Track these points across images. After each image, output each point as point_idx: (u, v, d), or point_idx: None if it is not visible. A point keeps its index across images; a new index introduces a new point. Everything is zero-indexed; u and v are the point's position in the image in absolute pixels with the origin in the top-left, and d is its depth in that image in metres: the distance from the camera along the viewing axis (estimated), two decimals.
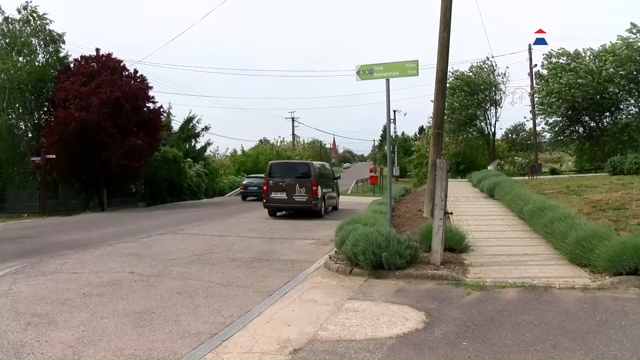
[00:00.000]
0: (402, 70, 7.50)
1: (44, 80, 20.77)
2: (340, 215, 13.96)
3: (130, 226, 13.08)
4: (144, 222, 14.26)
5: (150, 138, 21.29)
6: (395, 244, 6.24)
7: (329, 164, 19.94)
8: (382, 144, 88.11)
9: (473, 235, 8.09)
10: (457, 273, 6.05)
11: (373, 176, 34.98)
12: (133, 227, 12.87)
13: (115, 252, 8.49)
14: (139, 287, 5.95)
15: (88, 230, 12.24)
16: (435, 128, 10.72)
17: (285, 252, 8.51)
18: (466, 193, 16.45)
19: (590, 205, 9.74)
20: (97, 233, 11.58)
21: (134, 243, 9.61)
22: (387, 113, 7.81)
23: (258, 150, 46.73)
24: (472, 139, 32.15)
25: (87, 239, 10.30)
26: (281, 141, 58.11)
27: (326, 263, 7.04)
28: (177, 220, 14.45)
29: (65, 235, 11.22)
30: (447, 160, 7.13)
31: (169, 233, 11.17)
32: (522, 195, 10.75)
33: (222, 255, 8.18)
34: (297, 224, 12.89)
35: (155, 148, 22.48)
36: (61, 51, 21.76)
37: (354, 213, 10.70)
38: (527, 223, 9.07)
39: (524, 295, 5.13)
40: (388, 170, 8.40)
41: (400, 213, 12.25)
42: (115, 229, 12.56)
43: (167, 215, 16.29)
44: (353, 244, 6.43)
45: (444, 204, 6.47)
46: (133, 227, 12.87)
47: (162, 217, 15.59)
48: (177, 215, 16.46)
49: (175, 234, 10.98)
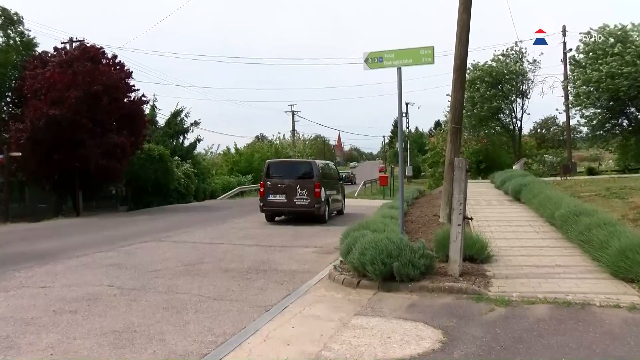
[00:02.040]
0: (415, 57, 7.49)
1: (4, 66, 20.70)
2: (346, 221, 14.06)
3: (110, 233, 13.13)
4: (125, 228, 14.31)
5: (133, 134, 21.26)
6: (407, 252, 6.25)
7: (333, 163, 20.15)
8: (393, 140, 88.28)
9: (496, 244, 8.08)
10: (478, 286, 6.04)
11: (383, 177, 35.39)
12: (113, 234, 12.91)
13: (91, 263, 8.50)
14: (119, 302, 5.95)
15: (60, 238, 12.24)
16: (452, 122, 10.73)
17: (285, 261, 8.55)
18: (488, 195, 16.46)
19: (636, 210, 9.64)
20: (70, 241, 11.58)
21: (113, 252, 9.62)
22: (398, 106, 7.79)
23: (253, 148, 46.90)
24: (495, 135, 32.13)
25: (59, 248, 10.27)
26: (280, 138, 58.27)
27: (330, 274, 7.07)
28: (163, 226, 14.50)
29: (33, 244, 11.17)
30: (466, 159, 7.10)
31: (153, 241, 11.20)
32: (553, 198, 10.71)
33: (214, 265, 8.21)
34: (298, 230, 12.98)
35: (138, 145, 22.47)
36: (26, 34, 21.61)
37: (362, 218, 10.78)
38: (560, 230, 9.03)
39: (557, 313, 5.07)
40: (400, 170, 8.42)
41: (414, 218, 12.28)
42: (92, 236, 12.60)
43: (151, 221, 16.34)
44: (360, 253, 6.44)
45: (462, 207, 6.47)
46: (113, 234, 12.91)
47: (145, 223, 15.65)
48: (163, 220, 16.51)
49: (160, 242, 11.01)
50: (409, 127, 63.26)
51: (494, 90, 29.59)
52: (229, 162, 43.47)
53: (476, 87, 29.65)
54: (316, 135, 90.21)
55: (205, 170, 35.11)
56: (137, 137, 21.82)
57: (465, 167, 6.59)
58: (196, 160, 34.25)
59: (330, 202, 15.28)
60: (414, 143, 66.07)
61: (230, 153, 45.03)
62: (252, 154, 43.75)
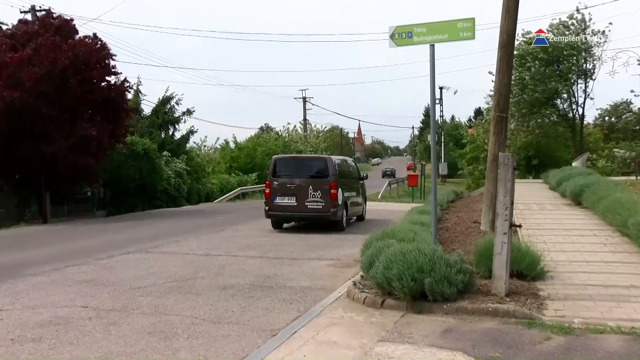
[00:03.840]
0: (452, 32, 7.50)
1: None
2: (368, 228, 14.13)
3: (84, 243, 13.24)
4: (104, 237, 14.38)
5: (112, 124, 21.24)
6: (442, 266, 6.26)
7: (352, 159, 20.27)
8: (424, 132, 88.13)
9: (551, 257, 8.07)
10: (529, 308, 6.03)
11: (411, 175, 35.52)
12: (88, 244, 13.02)
13: (62, 279, 8.51)
14: (95, 327, 5.97)
15: (23, 250, 12.33)
16: (497, 110, 10.73)
17: (295, 276, 8.62)
18: (540, 198, 16.40)
19: None
20: (36, 253, 11.63)
21: (89, 266, 9.65)
22: (431, 91, 7.77)
23: (255, 141, 46.99)
24: (549, 125, 31.83)
25: (21, 262, 10.28)
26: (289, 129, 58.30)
27: (349, 292, 7.08)
28: (149, 234, 14.59)
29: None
30: (514, 154, 7.12)
31: (137, 252, 11.27)
32: (626, 202, 10.58)
33: (210, 281, 8.28)
34: (310, 239, 13.11)
35: (118, 138, 22.48)
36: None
37: (386, 224, 10.82)
38: (635, 242, 8.93)
39: (636, 348, 4.96)
40: (432, 168, 8.46)
41: (449, 225, 12.32)
42: (63, 246, 12.71)
43: (135, 228, 16.42)
44: (385, 267, 6.47)
45: (509, 213, 6.46)
46: (88, 244, 13.02)
47: (128, 231, 15.73)
48: (150, 227, 16.59)
49: (146, 253, 11.09)
50: (443, 116, 63.01)
51: (550, 70, 29.15)
52: (226, 158, 43.72)
53: (527, 65, 29.31)
54: (332, 127, 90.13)
55: (200, 168, 35.35)
56: (117, 128, 21.83)
57: (512, 164, 6.59)
58: (189, 156, 34.49)
59: (348, 206, 15.37)
60: (450, 135, 65.76)
61: (228, 147, 45.25)
62: (255, 148, 43.87)
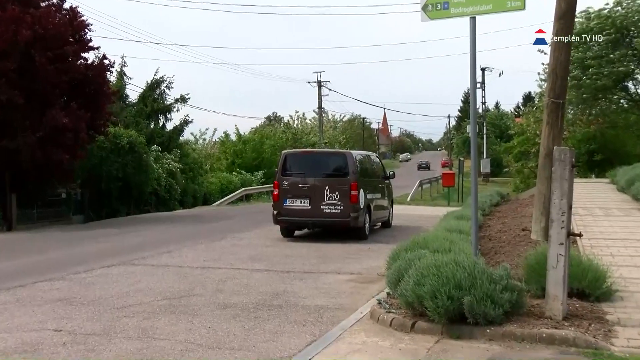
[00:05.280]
0: (497, 1, 7.46)
1: None
2: (395, 236, 14.34)
3: (58, 254, 13.29)
4: (81, 247, 14.44)
5: (91, 112, 20.84)
6: (485, 282, 6.22)
7: (376, 155, 20.34)
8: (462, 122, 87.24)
9: (621, 273, 7.93)
10: (594, 335, 5.93)
11: (447, 174, 35.17)
12: (62, 255, 13.09)
13: (30, 298, 8.52)
14: (71, 354, 5.92)
15: None
16: (551, 96, 10.65)
17: (308, 293, 8.63)
18: (606, 201, 16.29)
19: None
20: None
21: (63, 282, 9.65)
22: (471, 73, 7.73)
23: (262, 133, 47.05)
24: (616, 113, 31.31)
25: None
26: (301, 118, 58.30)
27: (373, 312, 7.05)
28: (136, 243, 14.64)
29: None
30: (572, 148, 7.01)
31: (121, 264, 11.30)
32: None
33: (208, 299, 8.30)
34: (327, 249, 13.18)
35: (98, 129, 22.40)
36: None
37: (417, 232, 10.86)
38: None
39: None
40: (472, 165, 8.35)
41: (493, 233, 12.34)
42: (32, 258, 12.75)
43: (119, 236, 16.48)
44: (416, 282, 6.44)
45: (566, 219, 6.39)
46: (62, 255, 13.09)
47: (111, 239, 15.78)
48: (136, 235, 16.65)
49: (132, 266, 11.13)
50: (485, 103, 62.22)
51: (620, 49, 28.61)
52: (228, 153, 43.81)
53: (589, 44, 28.88)
54: (352, 116, 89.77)
55: (196, 165, 35.53)
56: (97, 117, 21.63)
57: (570, 160, 6.51)
58: (183, 151, 34.68)
59: (372, 210, 15.42)
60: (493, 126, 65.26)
61: (230, 141, 45.33)
62: (262, 141, 43.93)
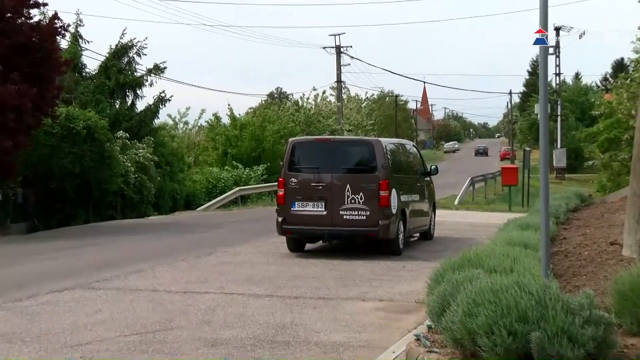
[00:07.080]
0: None
1: None
2: (438, 251, 13.91)
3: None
4: (24, 265, 13.60)
5: (37, 85, 19.56)
6: (559, 313, 5.64)
7: (413, 144, 18.95)
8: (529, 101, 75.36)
9: None
10: None
11: (508, 169, 33.35)
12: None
13: None
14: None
15: None
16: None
17: (323, 326, 8.14)
18: None
19: None
20: None
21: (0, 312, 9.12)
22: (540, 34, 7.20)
23: (264, 116, 42.80)
24: None
25: None
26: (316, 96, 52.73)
27: (410, 352, 6.56)
28: (96, 260, 13.80)
29: None
30: None
31: (77, 288, 10.62)
32: None
33: (191, 333, 7.80)
34: (348, 267, 12.45)
35: (45, 108, 20.70)
36: None
37: (468, 246, 10.79)
38: None
39: None
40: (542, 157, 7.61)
41: (570, 248, 11.68)
42: None
43: (74, 251, 15.63)
44: (466, 312, 5.95)
45: None
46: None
47: (63, 255, 14.89)
48: (97, 250, 15.87)
49: (91, 291, 10.48)
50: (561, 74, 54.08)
51: None
52: (219, 141, 40.33)
53: None
54: (382, 93, 79.52)
55: (176, 158, 33.32)
56: (44, 93, 20.18)
57: None
58: (159, 139, 32.18)
59: (407, 217, 14.43)
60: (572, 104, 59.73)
61: (221, 125, 42.18)
62: (263, 126, 39.91)
